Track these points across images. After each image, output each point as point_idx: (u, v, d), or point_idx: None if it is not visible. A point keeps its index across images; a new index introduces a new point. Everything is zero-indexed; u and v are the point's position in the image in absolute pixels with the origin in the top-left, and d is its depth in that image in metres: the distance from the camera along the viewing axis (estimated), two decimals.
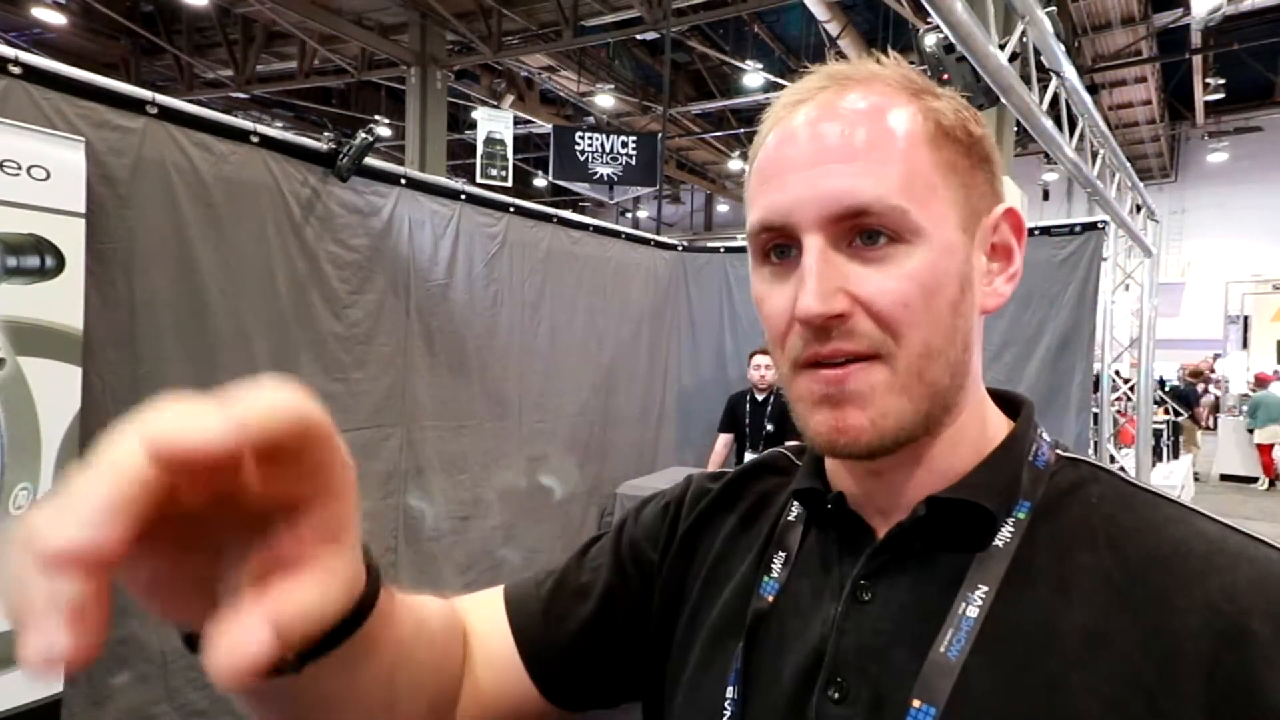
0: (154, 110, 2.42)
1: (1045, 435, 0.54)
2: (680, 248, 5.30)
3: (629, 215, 16.98)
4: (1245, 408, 10.08)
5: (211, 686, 2.34)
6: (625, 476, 4.65)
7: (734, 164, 14.32)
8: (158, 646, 2.48)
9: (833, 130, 0.47)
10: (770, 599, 0.54)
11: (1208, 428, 12.22)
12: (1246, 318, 12.82)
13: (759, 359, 4.42)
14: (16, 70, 2.09)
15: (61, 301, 2.06)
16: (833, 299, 0.46)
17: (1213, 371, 14.25)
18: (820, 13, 8.52)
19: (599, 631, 0.61)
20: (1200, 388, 12.50)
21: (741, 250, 5.31)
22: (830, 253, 0.47)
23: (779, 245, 0.49)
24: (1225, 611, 0.42)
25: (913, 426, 0.48)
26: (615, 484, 4.57)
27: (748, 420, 4.45)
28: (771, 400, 4.41)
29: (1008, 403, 0.56)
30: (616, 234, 4.73)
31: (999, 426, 0.53)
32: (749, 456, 4.22)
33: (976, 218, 0.50)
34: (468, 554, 3.67)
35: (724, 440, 4.50)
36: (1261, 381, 10.22)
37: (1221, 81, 11.49)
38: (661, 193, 9.10)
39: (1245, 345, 12.77)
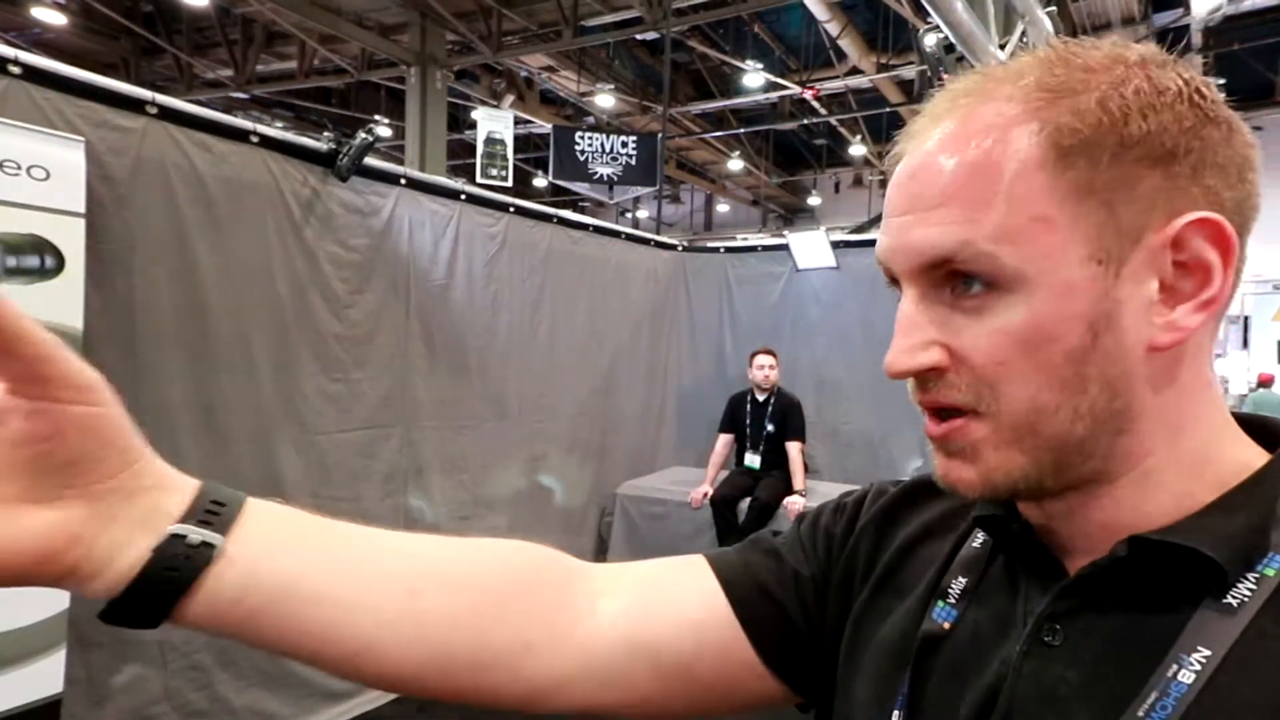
0: (154, 110, 2.42)
1: None
2: (680, 248, 5.30)
3: (629, 215, 16.97)
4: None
5: (211, 686, 2.34)
6: (625, 476, 4.65)
7: (734, 164, 14.30)
8: (158, 647, 2.48)
9: (927, 173, 0.44)
10: (945, 625, 0.50)
11: None
12: (1247, 318, 12.81)
13: (760, 359, 4.42)
14: (16, 70, 2.10)
15: (61, 301, 2.06)
16: (919, 354, 0.43)
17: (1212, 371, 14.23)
18: (820, 13, 8.52)
19: (786, 583, 0.59)
20: None
21: (741, 250, 5.32)
22: (924, 304, 0.44)
23: (893, 280, 0.47)
24: None
25: (1033, 479, 0.43)
26: (615, 484, 4.57)
27: (748, 420, 4.45)
28: (772, 401, 4.41)
29: (1268, 433, 0.47)
30: (616, 234, 4.73)
31: (1241, 463, 0.45)
32: (749, 457, 4.19)
33: (1132, 239, 0.41)
34: None
35: (724, 440, 4.51)
36: (1264, 382, 10.20)
37: (1221, 81, 11.50)
38: (661, 193, 9.10)
39: (1245, 345, 12.76)
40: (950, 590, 0.51)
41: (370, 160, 3.06)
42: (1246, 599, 0.40)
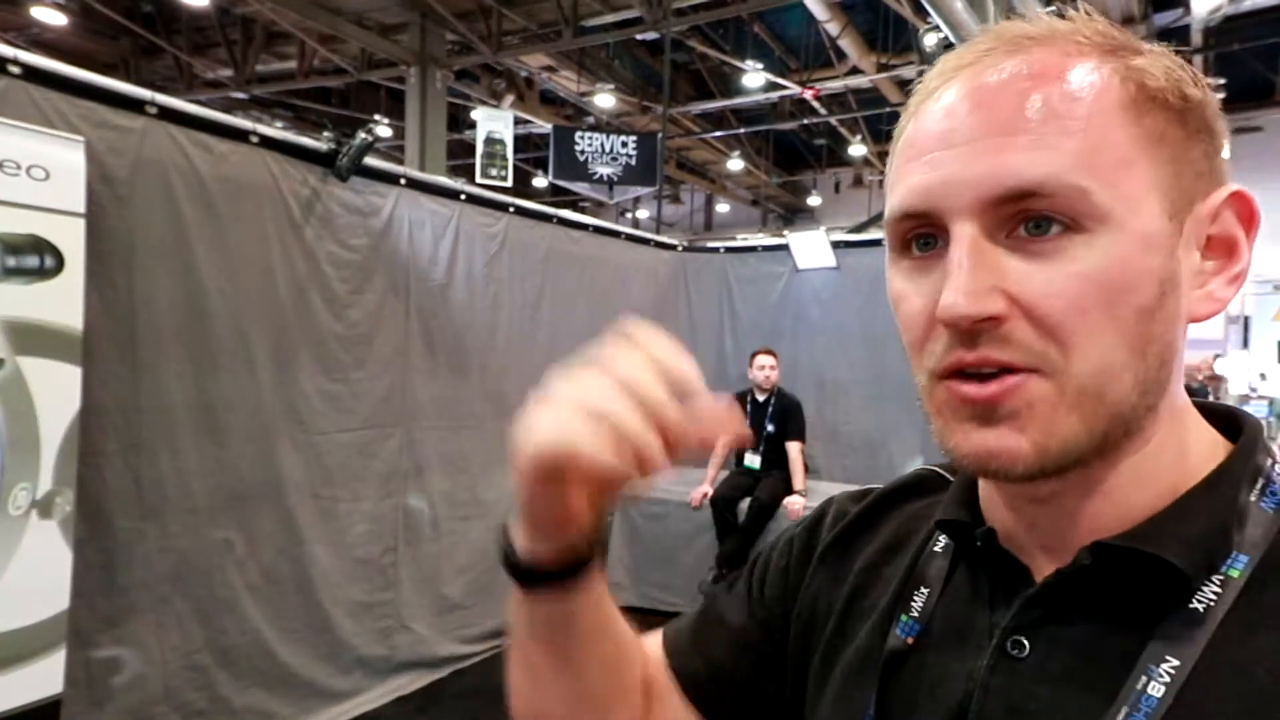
0: (154, 110, 2.42)
1: None
2: (680, 248, 5.30)
3: (629, 215, 16.97)
4: (1274, 415, 9.97)
5: (212, 686, 2.34)
6: None
7: (734, 164, 14.30)
8: (158, 647, 2.48)
9: (998, 98, 0.38)
10: (909, 640, 0.48)
11: None
12: (1247, 318, 12.82)
13: (761, 359, 4.42)
14: (16, 70, 2.10)
15: (61, 301, 2.06)
16: (985, 298, 0.38)
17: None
18: (820, 13, 8.51)
19: (742, 653, 0.60)
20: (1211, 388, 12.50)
21: (740, 250, 5.32)
22: (985, 244, 0.39)
23: (922, 236, 0.42)
24: None
25: (1083, 450, 0.39)
26: None
27: (749, 421, 4.45)
28: (773, 401, 4.41)
29: (1226, 422, 0.45)
30: (616, 234, 4.73)
31: (1207, 454, 0.43)
32: (749, 457, 4.18)
33: (1188, 203, 0.39)
34: (468, 554, 3.67)
35: (724, 441, 4.49)
36: None
37: (1221, 81, 11.50)
38: (661, 193, 9.10)
39: (1246, 345, 12.77)
40: (913, 604, 0.49)
41: (370, 160, 3.06)
42: (1212, 603, 0.38)
